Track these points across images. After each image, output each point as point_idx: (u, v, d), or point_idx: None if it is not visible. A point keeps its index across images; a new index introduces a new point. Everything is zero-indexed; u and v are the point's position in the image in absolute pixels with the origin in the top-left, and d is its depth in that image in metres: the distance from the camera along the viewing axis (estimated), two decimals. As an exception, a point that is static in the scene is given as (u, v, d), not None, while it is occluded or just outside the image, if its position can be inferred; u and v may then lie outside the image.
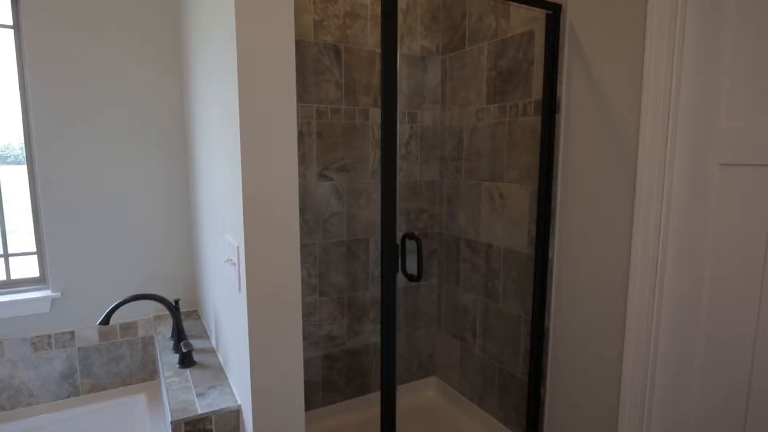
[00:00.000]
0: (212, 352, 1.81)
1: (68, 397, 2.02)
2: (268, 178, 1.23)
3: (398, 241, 1.51)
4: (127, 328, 2.10)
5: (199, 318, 2.16)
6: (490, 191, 2.18)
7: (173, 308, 1.79)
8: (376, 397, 2.52)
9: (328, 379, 2.38)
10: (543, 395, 1.96)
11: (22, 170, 1.93)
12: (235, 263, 1.31)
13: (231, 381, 1.56)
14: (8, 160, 1.91)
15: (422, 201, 2.52)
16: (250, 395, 1.29)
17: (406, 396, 2.62)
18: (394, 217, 1.46)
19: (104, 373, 2.08)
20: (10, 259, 1.96)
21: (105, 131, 1.97)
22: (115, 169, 2.01)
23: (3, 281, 1.95)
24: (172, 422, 1.35)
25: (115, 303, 1.66)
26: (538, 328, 1.92)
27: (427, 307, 2.63)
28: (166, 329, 2.04)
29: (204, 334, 1.97)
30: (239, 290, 1.30)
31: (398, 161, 1.48)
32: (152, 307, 2.16)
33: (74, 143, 1.92)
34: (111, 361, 2.08)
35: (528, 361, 2.03)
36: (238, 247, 1.27)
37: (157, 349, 1.91)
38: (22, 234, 1.98)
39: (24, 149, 1.91)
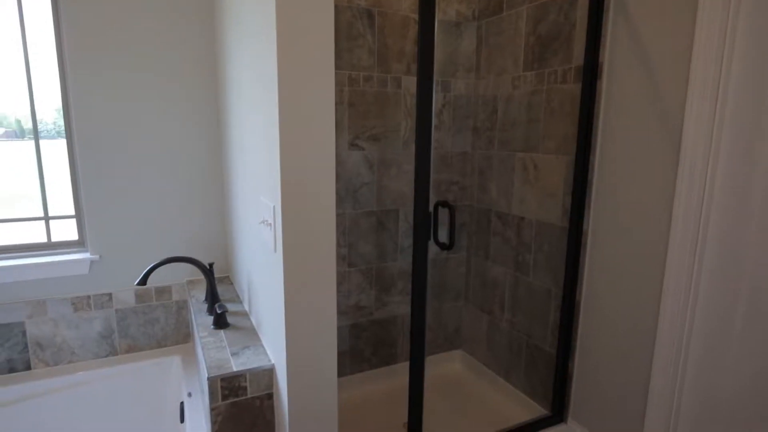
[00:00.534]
0: (245, 315, 1.84)
1: (107, 356, 2.10)
2: (305, 141, 1.22)
3: (431, 209, 1.49)
4: (162, 291, 2.15)
5: (231, 283, 2.20)
6: (524, 162, 2.14)
7: (207, 271, 1.82)
8: (402, 367, 2.54)
9: (356, 348, 2.40)
10: (571, 369, 1.94)
11: (54, 144, 1.98)
12: (270, 224, 1.32)
13: (264, 342, 1.59)
14: (41, 135, 1.95)
15: (453, 173, 2.48)
16: (284, 353, 1.31)
17: (433, 368, 2.63)
18: (428, 183, 1.45)
19: (140, 334, 2.14)
20: (51, 222, 2.02)
21: (141, 96, 1.99)
22: (150, 133, 2.03)
23: (44, 243, 2.02)
24: (208, 378, 1.38)
25: (153, 264, 1.70)
26: (569, 301, 1.89)
27: (455, 280, 2.62)
28: (200, 293, 2.09)
29: (236, 298, 2.01)
30: (275, 250, 1.31)
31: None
32: (186, 272, 2.20)
33: (111, 107, 1.95)
34: (147, 323, 2.14)
35: (557, 334, 2.01)
36: (274, 207, 1.28)
37: (192, 311, 1.95)
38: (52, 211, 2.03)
39: (63, 117, 1.95)
